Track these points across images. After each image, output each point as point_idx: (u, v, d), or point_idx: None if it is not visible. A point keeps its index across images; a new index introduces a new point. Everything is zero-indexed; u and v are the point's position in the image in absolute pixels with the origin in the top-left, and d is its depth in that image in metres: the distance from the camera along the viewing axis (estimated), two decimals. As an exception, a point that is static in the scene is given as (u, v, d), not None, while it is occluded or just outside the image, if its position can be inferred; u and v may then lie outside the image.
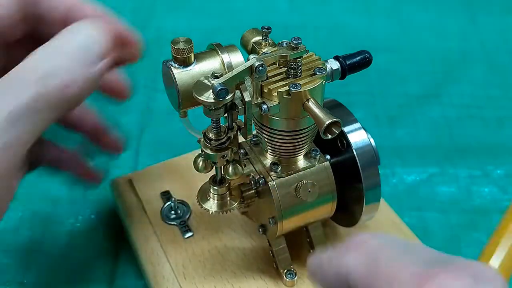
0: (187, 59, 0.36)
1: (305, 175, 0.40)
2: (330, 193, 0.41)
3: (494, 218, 0.53)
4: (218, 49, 0.37)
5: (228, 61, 0.37)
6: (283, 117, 0.36)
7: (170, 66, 0.36)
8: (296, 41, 0.35)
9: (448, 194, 0.56)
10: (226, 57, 0.37)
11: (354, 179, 0.40)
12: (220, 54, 0.37)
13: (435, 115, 0.65)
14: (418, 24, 0.78)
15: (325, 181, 0.40)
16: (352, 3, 0.81)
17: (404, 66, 0.72)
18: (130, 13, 0.80)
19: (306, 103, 0.34)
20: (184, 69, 0.36)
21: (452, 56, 0.73)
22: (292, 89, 0.34)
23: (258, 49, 0.37)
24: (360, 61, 0.39)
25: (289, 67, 0.35)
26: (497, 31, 0.77)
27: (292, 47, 0.35)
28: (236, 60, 0.37)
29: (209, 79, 0.35)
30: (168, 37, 0.81)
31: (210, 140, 0.37)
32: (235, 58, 0.37)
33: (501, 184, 0.57)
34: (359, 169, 0.39)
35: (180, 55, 0.36)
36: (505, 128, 0.64)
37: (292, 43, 0.35)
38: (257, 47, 0.38)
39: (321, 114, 0.33)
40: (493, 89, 0.69)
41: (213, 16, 0.79)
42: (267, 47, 0.37)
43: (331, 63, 0.38)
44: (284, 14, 0.80)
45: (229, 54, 0.37)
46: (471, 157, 0.60)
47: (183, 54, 0.36)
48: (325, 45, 0.74)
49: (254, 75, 0.34)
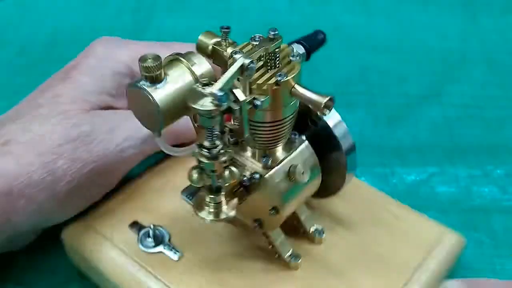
0: (158, 75, 0.35)
1: (293, 159, 0.41)
2: (316, 167, 0.42)
3: (494, 218, 0.53)
4: (182, 58, 0.37)
5: (197, 69, 0.37)
6: (272, 108, 0.36)
7: (142, 87, 0.35)
8: (273, 32, 0.35)
9: (448, 194, 0.56)
10: (194, 66, 0.37)
11: (333, 149, 0.42)
12: (186, 63, 0.37)
13: (435, 115, 0.65)
14: (418, 24, 0.78)
15: (310, 159, 0.42)
16: (352, 3, 0.81)
17: (404, 66, 0.72)
18: (130, 13, 0.80)
19: (294, 90, 0.36)
20: (157, 86, 0.35)
21: (452, 56, 0.73)
22: (280, 79, 0.35)
23: (221, 50, 0.37)
24: (320, 41, 0.42)
25: (269, 59, 0.36)
26: (497, 31, 0.77)
27: (270, 38, 0.35)
28: (203, 65, 0.37)
29: (200, 87, 0.34)
30: (168, 37, 0.82)
31: (209, 149, 0.35)
32: (201, 64, 0.37)
33: (501, 184, 0.57)
34: (337, 138, 0.41)
35: (150, 72, 0.35)
36: (505, 128, 0.64)
37: (270, 35, 0.35)
38: (219, 48, 0.37)
39: (314, 95, 0.35)
40: (493, 89, 0.69)
41: (213, 16, 0.79)
42: (229, 47, 0.37)
43: (297, 48, 0.39)
44: (284, 14, 0.80)
45: (194, 61, 0.37)
46: (471, 157, 0.60)
47: (154, 71, 0.35)
48: (325, 45, 0.74)
49: (244, 73, 0.34)
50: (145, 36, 0.76)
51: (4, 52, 0.74)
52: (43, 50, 0.74)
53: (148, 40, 0.54)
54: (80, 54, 0.50)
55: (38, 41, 0.76)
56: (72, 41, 0.76)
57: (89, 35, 0.77)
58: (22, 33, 0.77)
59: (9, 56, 0.73)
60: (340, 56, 0.72)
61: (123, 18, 0.79)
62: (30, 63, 0.72)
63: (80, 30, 0.77)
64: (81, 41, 0.78)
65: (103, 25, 0.78)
